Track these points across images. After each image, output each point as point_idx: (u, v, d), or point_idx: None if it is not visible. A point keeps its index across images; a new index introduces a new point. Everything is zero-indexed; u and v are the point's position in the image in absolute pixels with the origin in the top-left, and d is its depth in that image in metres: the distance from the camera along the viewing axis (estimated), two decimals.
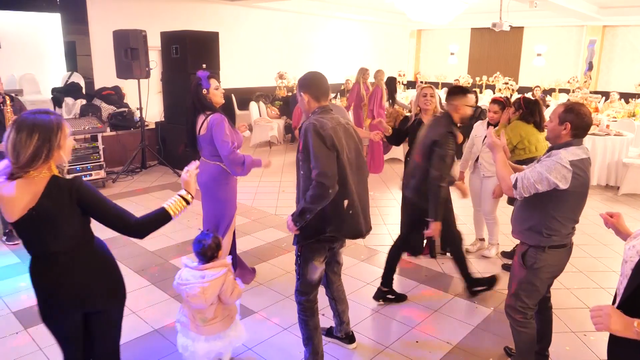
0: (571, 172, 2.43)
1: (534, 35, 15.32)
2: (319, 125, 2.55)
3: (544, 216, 2.58)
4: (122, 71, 7.61)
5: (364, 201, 2.80)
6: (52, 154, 1.94)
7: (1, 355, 3.11)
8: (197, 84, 3.58)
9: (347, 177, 2.63)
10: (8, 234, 4.94)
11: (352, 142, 2.71)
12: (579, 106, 2.55)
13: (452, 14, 9.31)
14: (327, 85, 2.76)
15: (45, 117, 1.96)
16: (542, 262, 2.63)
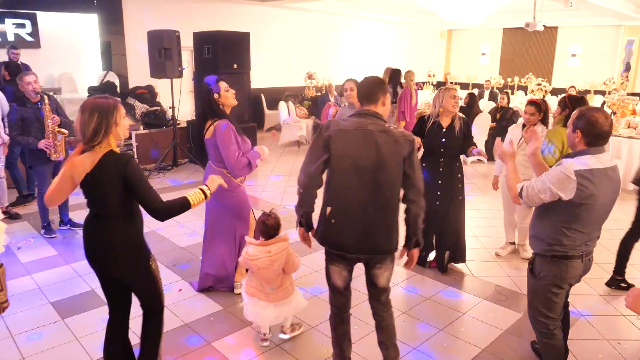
0: (575, 182, 2.31)
1: (568, 35, 14.97)
2: (328, 124, 2.54)
3: (549, 225, 2.51)
4: (156, 71, 7.78)
5: (371, 220, 2.48)
6: (110, 130, 2.29)
7: (39, 344, 3.23)
8: (207, 90, 3.53)
9: (338, 184, 2.48)
10: (46, 227, 5.11)
11: (372, 152, 2.43)
12: (591, 112, 2.40)
13: (483, 13, 9.19)
14: (370, 89, 2.58)
15: (103, 100, 2.34)
16: (547, 272, 2.57)
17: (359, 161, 2.44)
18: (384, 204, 2.49)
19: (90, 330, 3.40)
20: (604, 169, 2.37)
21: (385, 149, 2.43)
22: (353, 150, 2.45)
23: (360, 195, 2.47)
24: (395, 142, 2.44)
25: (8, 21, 8.34)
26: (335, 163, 2.48)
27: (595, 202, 2.38)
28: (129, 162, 2.30)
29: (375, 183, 2.45)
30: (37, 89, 4.80)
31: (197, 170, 7.98)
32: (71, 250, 4.78)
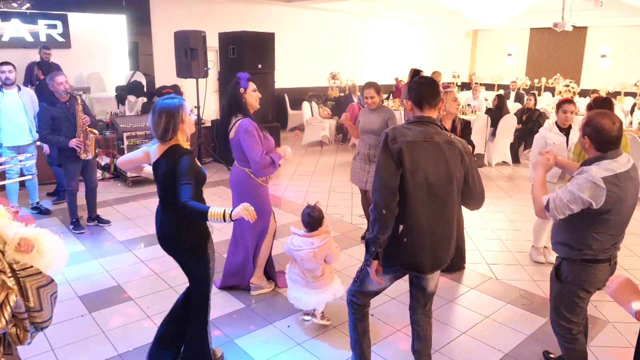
0: (605, 189, 2.30)
1: (598, 36, 14.64)
2: (393, 135, 2.32)
3: (577, 231, 2.50)
4: (182, 70, 7.90)
5: (438, 234, 2.40)
6: (178, 128, 2.59)
7: (67, 336, 3.31)
8: (235, 82, 3.59)
9: (410, 201, 2.32)
10: (75, 223, 5.24)
11: (441, 165, 2.33)
12: (598, 118, 2.40)
13: (510, 13, 9.06)
14: (432, 92, 2.40)
15: (169, 102, 2.61)
16: (575, 276, 2.57)
17: (429, 176, 2.32)
18: (449, 218, 2.42)
19: (117, 324, 3.47)
20: (626, 171, 2.38)
21: (452, 163, 2.34)
22: (424, 164, 2.31)
23: (428, 210, 2.36)
24: (459, 154, 2.36)
25: (40, 22, 8.58)
26: (408, 178, 2.30)
27: (623, 205, 2.40)
28: (182, 157, 2.54)
29: (443, 198, 2.36)
30: (68, 89, 4.93)
31: (220, 169, 8.07)
32: (98, 246, 4.89)
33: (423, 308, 2.70)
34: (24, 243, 1.72)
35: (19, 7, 8.29)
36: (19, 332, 1.64)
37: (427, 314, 2.73)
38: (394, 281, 2.63)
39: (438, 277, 2.65)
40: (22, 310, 1.59)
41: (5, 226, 1.68)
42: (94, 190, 5.36)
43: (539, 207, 2.53)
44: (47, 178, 6.83)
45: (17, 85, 5.37)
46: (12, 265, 1.59)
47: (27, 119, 5.31)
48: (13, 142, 5.31)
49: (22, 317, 1.60)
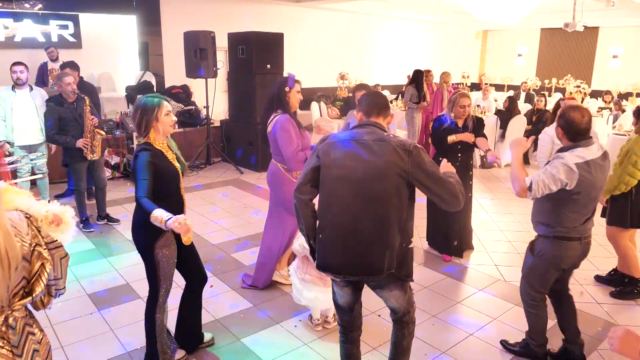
0: (577, 173, 2.61)
1: (609, 36, 14.49)
2: (326, 136, 2.42)
3: (552, 211, 2.78)
4: (191, 71, 7.94)
5: (366, 236, 2.23)
6: (151, 125, 2.65)
7: (76, 334, 3.35)
8: (283, 80, 3.72)
9: (326, 194, 2.31)
10: (85, 221, 5.29)
11: (365, 163, 2.23)
12: (570, 110, 2.71)
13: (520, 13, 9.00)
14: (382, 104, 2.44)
15: (149, 100, 2.68)
16: (547, 251, 2.85)
17: (349, 172, 2.23)
18: (379, 219, 2.22)
19: (125, 322, 3.50)
20: (596, 159, 2.68)
21: (383, 160, 2.21)
22: (343, 159, 2.26)
23: (353, 208, 2.23)
24: (393, 152, 2.22)
25: (52, 22, 8.66)
26: (324, 173, 2.30)
27: (592, 188, 2.69)
28: (136, 156, 2.62)
29: (371, 196, 2.21)
30: (75, 90, 4.98)
31: (229, 169, 8.10)
32: (108, 245, 4.93)
33: (393, 318, 2.57)
34: (57, 218, 1.89)
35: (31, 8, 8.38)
36: (44, 298, 1.85)
37: (401, 324, 2.56)
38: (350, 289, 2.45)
39: (399, 296, 2.44)
40: (51, 278, 1.79)
41: (32, 205, 1.83)
42: (103, 189, 5.41)
43: (520, 187, 2.72)
44: (58, 177, 6.90)
45: (29, 85, 5.42)
46: (44, 239, 1.77)
47: (38, 119, 5.37)
48: (24, 142, 5.36)
49: (50, 284, 1.82)
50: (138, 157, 2.62)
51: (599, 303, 3.90)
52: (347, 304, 2.51)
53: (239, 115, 8.38)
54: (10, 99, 5.26)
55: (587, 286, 4.17)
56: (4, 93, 5.32)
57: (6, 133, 5.28)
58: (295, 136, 3.60)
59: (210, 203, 6.22)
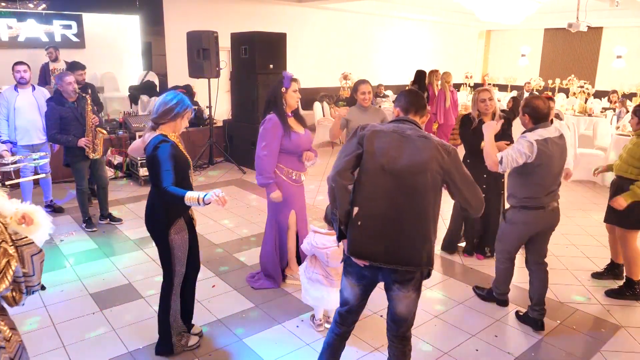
0: (536, 147, 3.16)
1: (613, 36, 14.44)
2: (364, 125, 2.43)
3: (520, 184, 3.34)
4: (194, 70, 7.94)
5: (406, 228, 2.27)
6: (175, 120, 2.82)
7: (78, 333, 3.35)
8: (279, 81, 3.78)
9: (368, 182, 2.31)
10: (87, 221, 5.30)
11: (411, 155, 2.27)
12: (534, 100, 3.35)
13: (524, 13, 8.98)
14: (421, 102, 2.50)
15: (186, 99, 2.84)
16: (515, 218, 3.43)
17: (393, 162, 2.27)
18: (420, 213, 2.27)
19: (127, 322, 3.50)
20: (553, 137, 3.25)
21: (426, 154, 2.27)
22: (387, 150, 2.29)
23: (396, 199, 2.26)
24: (435, 148, 2.28)
25: (56, 22, 8.68)
26: (366, 160, 2.31)
27: (550, 161, 3.23)
28: (162, 144, 2.71)
29: (413, 189, 2.26)
30: (76, 89, 4.98)
31: (231, 169, 8.10)
32: (110, 244, 4.94)
33: (395, 332, 2.48)
34: (27, 217, 1.96)
35: (35, 8, 8.40)
36: (15, 295, 1.88)
37: (400, 340, 2.48)
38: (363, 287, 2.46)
39: (412, 301, 2.40)
40: (19, 275, 1.83)
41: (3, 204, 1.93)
42: (105, 188, 5.42)
43: (492, 162, 3.29)
44: (61, 177, 6.91)
45: (31, 85, 5.44)
46: (11, 236, 1.84)
47: (41, 118, 5.38)
48: (27, 141, 5.38)
49: (19, 280, 1.85)
50: (160, 148, 2.70)
51: (601, 304, 3.89)
52: (355, 300, 2.52)
53: (241, 115, 8.38)
54: (13, 99, 5.28)
55: (590, 287, 4.16)
56: (7, 93, 5.34)
57: (9, 133, 5.30)
58: (273, 138, 3.65)
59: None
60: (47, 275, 4.18)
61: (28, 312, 3.60)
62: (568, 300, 3.95)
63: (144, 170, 7.10)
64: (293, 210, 3.92)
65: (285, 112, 3.75)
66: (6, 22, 8.10)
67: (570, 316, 3.70)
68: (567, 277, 4.37)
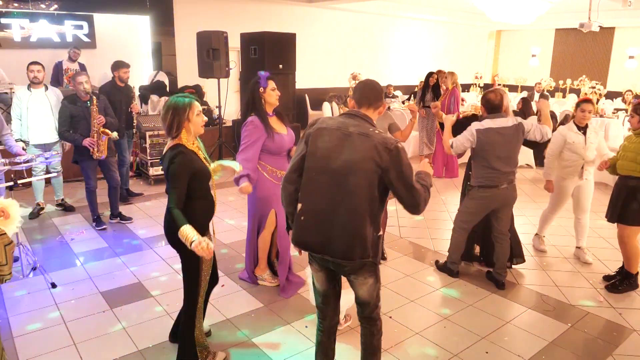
0: (475, 135, 3.83)
1: (626, 36, 14.28)
2: (315, 121, 2.51)
3: (475, 166, 3.99)
4: (204, 71, 7.96)
5: (338, 223, 2.31)
6: (183, 126, 2.64)
7: (89, 331, 3.37)
8: (255, 81, 3.74)
9: (309, 181, 2.39)
10: (97, 219, 5.34)
11: (346, 154, 2.31)
12: (488, 93, 3.95)
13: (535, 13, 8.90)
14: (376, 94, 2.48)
15: (179, 99, 2.66)
16: (473, 195, 4.05)
17: (330, 162, 2.33)
18: (353, 210, 2.30)
19: (137, 320, 3.52)
20: (496, 127, 3.82)
21: (360, 154, 2.28)
22: (326, 150, 2.36)
23: (331, 196, 2.33)
24: (373, 148, 2.28)
25: (67, 23, 8.75)
26: (308, 160, 2.41)
27: (492, 148, 3.81)
28: (172, 160, 2.59)
29: (347, 187, 2.30)
30: (87, 89, 5.03)
31: None
32: (120, 243, 4.97)
33: (361, 314, 2.59)
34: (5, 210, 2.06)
35: (47, 8, 8.47)
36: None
37: (366, 321, 2.58)
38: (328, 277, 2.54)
39: (371, 286, 2.47)
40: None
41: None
42: (116, 188, 5.45)
43: (447, 147, 4.05)
44: (72, 175, 6.97)
45: (44, 85, 5.49)
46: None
47: (53, 118, 5.43)
48: (39, 140, 5.43)
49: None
50: (174, 162, 2.58)
51: (613, 307, 3.85)
52: (322, 289, 2.60)
53: None
54: (26, 98, 5.34)
55: (601, 289, 4.12)
56: (20, 92, 5.41)
57: (21, 131, 5.35)
58: (254, 140, 3.66)
59: (222, 202, 6.23)
60: (58, 273, 4.23)
61: (40, 310, 3.63)
62: (579, 303, 3.91)
63: (154, 170, 7.14)
64: (273, 209, 3.88)
65: (266, 113, 3.73)
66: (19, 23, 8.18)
67: (581, 319, 3.66)
68: (578, 280, 4.33)
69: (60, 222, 5.55)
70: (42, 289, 3.95)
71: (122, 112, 5.97)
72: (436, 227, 5.18)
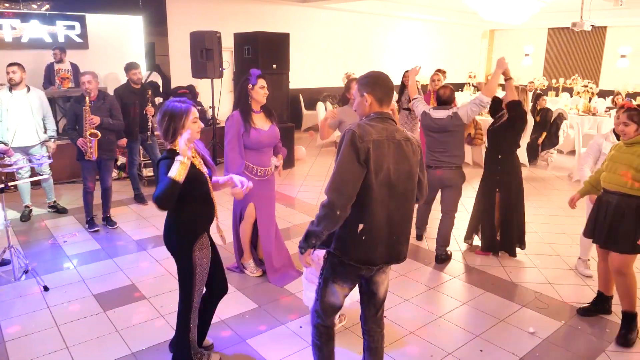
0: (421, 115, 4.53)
1: (617, 36, 14.38)
2: (360, 133, 2.21)
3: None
4: (197, 71, 7.94)
5: (396, 230, 2.33)
6: (178, 132, 2.57)
7: (81, 334, 3.34)
8: (246, 78, 3.88)
9: (372, 200, 2.24)
10: (90, 221, 5.30)
11: (403, 164, 2.29)
12: (440, 89, 4.54)
13: (527, 13, 8.95)
14: (391, 89, 2.39)
15: (177, 105, 2.59)
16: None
17: (391, 175, 2.27)
18: (407, 214, 2.37)
19: (130, 323, 3.50)
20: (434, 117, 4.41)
21: (413, 160, 2.33)
22: (387, 163, 2.25)
23: (389, 208, 2.29)
24: (415, 151, 2.35)
25: (59, 23, 8.68)
26: (372, 178, 2.23)
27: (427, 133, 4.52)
28: (158, 164, 2.59)
29: (404, 195, 2.32)
30: (88, 89, 5.00)
31: None
32: (113, 245, 4.94)
33: (374, 316, 2.54)
34: None
35: (39, 9, 8.41)
36: None
37: (378, 323, 2.57)
38: (353, 286, 2.49)
39: (388, 283, 2.53)
40: None
41: None
42: (106, 191, 5.38)
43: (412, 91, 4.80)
44: (65, 177, 6.93)
45: (26, 86, 5.43)
46: None
47: (34, 120, 5.39)
48: (19, 143, 5.36)
49: None
50: (159, 165, 2.56)
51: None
52: (342, 302, 2.52)
53: None
54: (6, 100, 5.29)
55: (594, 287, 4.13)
56: (0, 94, 5.33)
57: (1, 133, 5.29)
58: (234, 134, 3.83)
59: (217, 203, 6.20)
60: (50, 276, 4.19)
61: (31, 313, 3.60)
62: (572, 300, 3.92)
63: (148, 171, 7.11)
64: (251, 203, 4.07)
65: (250, 109, 3.88)
66: (10, 23, 8.11)
67: (575, 316, 3.68)
68: (572, 277, 4.35)
69: (52, 224, 5.51)
70: (34, 292, 3.92)
71: (136, 115, 5.96)
72: (429, 226, 5.18)
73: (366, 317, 2.56)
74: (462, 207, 6.22)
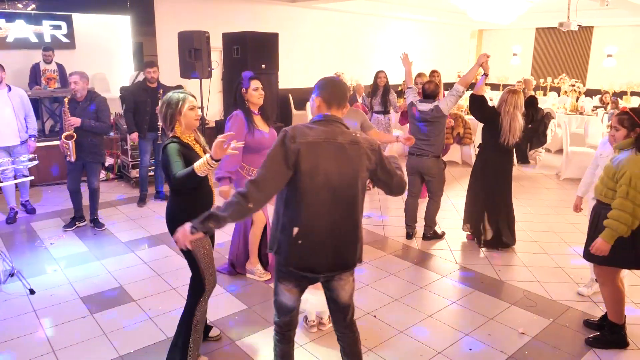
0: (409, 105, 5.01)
1: (604, 35, 14.53)
2: (292, 134, 2.14)
3: None
4: (186, 71, 7.88)
5: (342, 237, 2.26)
6: (175, 119, 2.74)
7: (69, 338, 3.30)
8: (238, 82, 3.86)
9: (309, 204, 2.17)
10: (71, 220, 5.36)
11: (346, 167, 2.20)
12: (425, 83, 5.01)
13: (515, 13, 9.00)
14: (345, 93, 2.35)
15: (174, 94, 2.79)
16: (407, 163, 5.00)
17: (332, 179, 2.17)
18: (354, 219, 2.27)
19: (118, 326, 3.46)
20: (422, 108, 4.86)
21: (357, 164, 2.22)
22: (325, 167, 2.16)
23: (332, 214, 2.21)
24: (364, 154, 2.23)
25: (45, 23, 8.58)
26: (305, 181, 2.15)
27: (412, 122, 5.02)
28: (165, 147, 2.71)
29: (347, 201, 2.23)
30: (75, 90, 4.96)
31: None
32: (101, 247, 4.89)
33: (343, 321, 2.45)
34: None
35: (24, 8, 8.31)
36: None
37: (349, 327, 2.47)
38: (301, 288, 2.41)
39: (351, 288, 2.41)
40: None
41: None
42: (93, 192, 5.33)
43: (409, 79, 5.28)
44: (52, 179, 6.85)
45: (7, 86, 5.35)
46: None
47: (15, 120, 5.31)
48: (1, 143, 5.28)
49: None
50: (166, 148, 2.69)
51: (594, 302, 3.89)
52: (293, 304, 2.43)
53: None
54: None
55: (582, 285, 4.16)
56: None
57: None
58: (237, 132, 3.73)
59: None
60: (36, 278, 4.14)
61: (17, 317, 3.55)
62: (560, 298, 3.95)
63: (136, 172, 7.05)
64: None
65: (250, 111, 3.85)
66: None
67: (563, 314, 3.70)
68: (560, 275, 4.38)
69: (38, 226, 5.44)
70: (20, 296, 3.87)
71: (147, 113, 5.95)
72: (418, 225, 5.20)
73: (335, 323, 2.50)
74: (453, 208, 6.25)
